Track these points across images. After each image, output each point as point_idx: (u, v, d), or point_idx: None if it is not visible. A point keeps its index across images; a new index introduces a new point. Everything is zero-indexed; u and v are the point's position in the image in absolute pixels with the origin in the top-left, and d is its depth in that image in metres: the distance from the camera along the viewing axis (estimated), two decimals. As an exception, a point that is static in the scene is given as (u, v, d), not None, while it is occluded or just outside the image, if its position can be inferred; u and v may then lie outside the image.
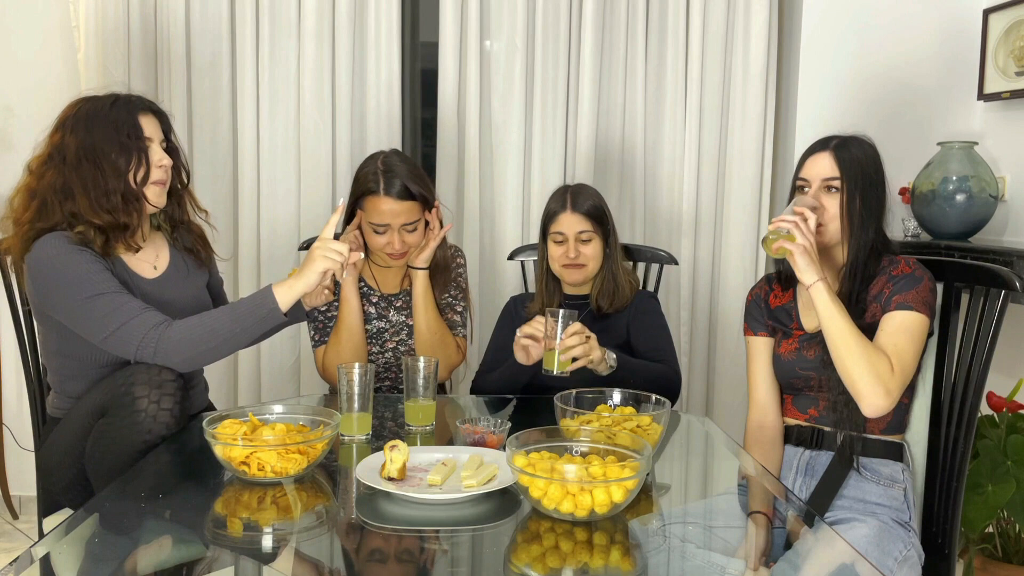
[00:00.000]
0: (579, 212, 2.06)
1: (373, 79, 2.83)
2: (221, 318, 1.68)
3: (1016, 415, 2.19)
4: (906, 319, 1.67)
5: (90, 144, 1.69)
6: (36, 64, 2.83)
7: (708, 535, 1.32)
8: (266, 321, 1.69)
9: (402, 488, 1.34)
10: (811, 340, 1.78)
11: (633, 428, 1.51)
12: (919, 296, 1.68)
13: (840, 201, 1.73)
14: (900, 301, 1.68)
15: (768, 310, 1.89)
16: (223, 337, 1.67)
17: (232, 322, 1.67)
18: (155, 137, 1.76)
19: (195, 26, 2.78)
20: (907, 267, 1.74)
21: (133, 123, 1.71)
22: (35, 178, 1.73)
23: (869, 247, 1.74)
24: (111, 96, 1.75)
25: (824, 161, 1.76)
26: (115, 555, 1.20)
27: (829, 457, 1.74)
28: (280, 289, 1.69)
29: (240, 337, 1.69)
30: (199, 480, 1.48)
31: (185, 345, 1.63)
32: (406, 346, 2.15)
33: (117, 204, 1.70)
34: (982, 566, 2.28)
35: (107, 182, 1.69)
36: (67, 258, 1.65)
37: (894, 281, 1.72)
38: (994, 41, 2.69)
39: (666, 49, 2.88)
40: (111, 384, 1.63)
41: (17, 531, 2.83)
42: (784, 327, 1.86)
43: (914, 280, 1.70)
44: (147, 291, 1.77)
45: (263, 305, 1.68)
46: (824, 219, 1.74)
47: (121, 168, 1.70)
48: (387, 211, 1.99)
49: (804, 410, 1.81)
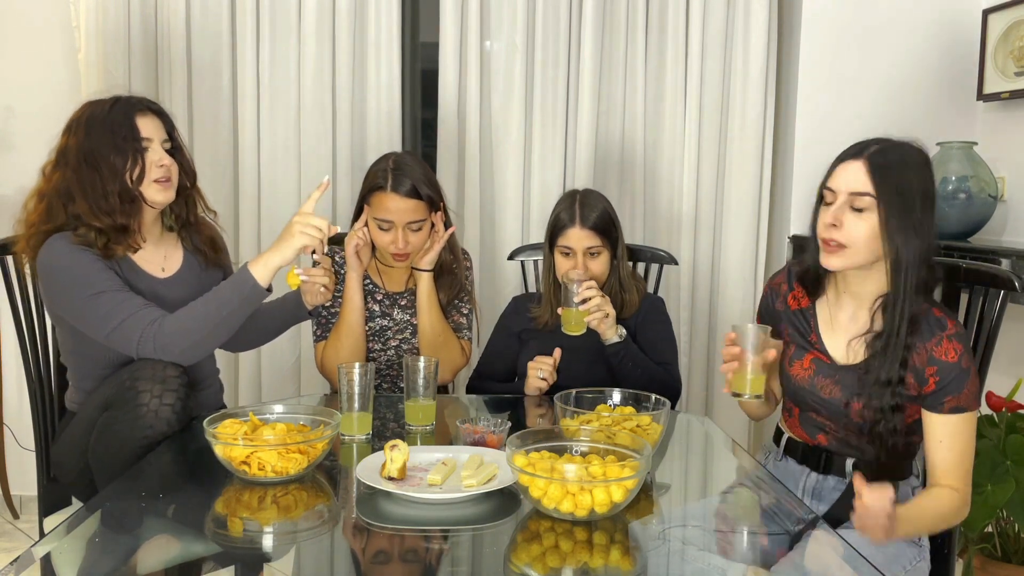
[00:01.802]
0: (587, 227, 2.03)
1: (373, 79, 2.83)
2: (208, 305, 1.70)
3: (1016, 415, 2.19)
4: (964, 425, 1.52)
5: (88, 147, 1.72)
6: (36, 64, 2.83)
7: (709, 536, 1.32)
8: (251, 299, 1.71)
9: (402, 488, 1.34)
10: (834, 373, 1.61)
11: (633, 428, 1.51)
12: (971, 392, 1.52)
13: (879, 220, 1.50)
14: (954, 405, 1.52)
15: (785, 312, 1.72)
16: (214, 323, 1.69)
17: (218, 307, 1.69)
18: (155, 137, 1.77)
19: (195, 26, 2.79)
20: (952, 350, 1.51)
21: (129, 124, 1.74)
22: (45, 181, 1.78)
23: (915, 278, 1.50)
24: (112, 99, 1.78)
25: (855, 172, 1.53)
26: (116, 555, 1.20)
27: (837, 481, 1.64)
28: (256, 266, 1.71)
29: (231, 320, 1.71)
30: (199, 480, 1.49)
31: (180, 337, 1.66)
32: (409, 344, 2.15)
33: (115, 206, 1.72)
34: (981, 566, 2.28)
35: (104, 184, 1.72)
36: (71, 258, 1.69)
37: (940, 370, 1.51)
38: (993, 41, 2.69)
39: (666, 49, 2.88)
40: (117, 379, 1.67)
41: (17, 531, 2.83)
42: (800, 338, 1.68)
43: (963, 374, 1.51)
44: (158, 290, 1.80)
45: (244, 283, 1.70)
46: (847, 240, 1.52)
47: (118, 169, 1.72)
48: (393, 208, 2.00)
49: (812, 435, 1.68)
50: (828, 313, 1.66)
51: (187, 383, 1.66)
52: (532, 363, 2.00)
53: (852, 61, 2.84)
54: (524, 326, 2.18)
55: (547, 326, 2.12)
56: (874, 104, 2.84)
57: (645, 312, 2.13)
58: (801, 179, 2.86)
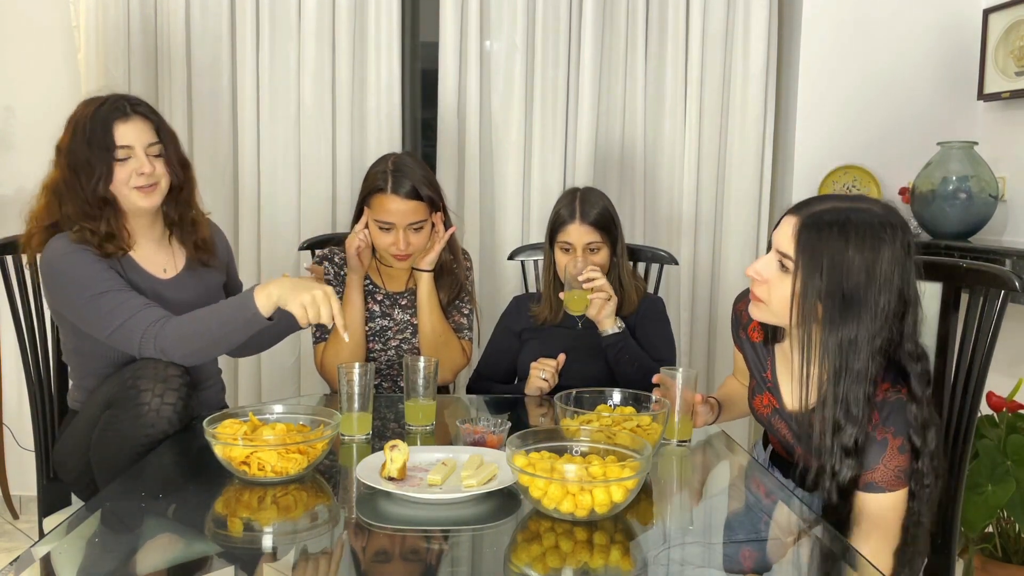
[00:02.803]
0: (588, 222, 2.04)
1: (373, 79, 2.83)
2: (210, 320, 1.68)
3: (1016, 415, 2.19)
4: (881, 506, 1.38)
5: (71, 149, 1.73)
6: (36, 64, 2.83)
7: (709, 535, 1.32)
8: (251, 324, 1.69)
9: (402, 488, 1.34)
10: (787, 418, 1.55)
11: (633, 428, 1.51)
12: (889, 469, 1.37)
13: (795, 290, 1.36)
14: (869, 481, 1.38)
15: (748, 341, 1.65)
16: (214, 337, 1.69)
17: (220, 325, 1.68)
18: (137, 143, 1.74)
19: (195, 26, 2.78)
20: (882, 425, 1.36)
21: (104, 131, 1.72)
22: (49, 175, 1.78)
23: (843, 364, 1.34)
24: (100, 100, 1.76)
25: (786, 228, 1.39)
26: (116, 555, 1.20)
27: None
28: (260, 296, 1.67)
29: (231, 337, 1.70)
30: (200, 480, 1.48)
31: (181, 343, 1.66)
32: (409, 344, 2.15)
33: (94, 212, 1.73)
34: (982, 566, 2.28)
35: (83, 189, 1.72)
36: (72, 258, 1.70)
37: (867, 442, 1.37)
38: (994, 41, 2.69)
39: (666, 49, 2.88)
40: (119, 378, 1.67)
41: (17, 531, 2.83)
42: (758, 373, 1.61)
43: (880, 447, 1.36)
44: (159, 291, 1.80)
45: (246, 309, 1.67)
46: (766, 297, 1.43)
47: (93, 175, 1.71)
48: (393, 210, 1.99)
49: (788, 449, 1.59)
50: (784, 352, 1.55)
51: (189, 382, 1.66)
52: (535, 364, 2.01)
53: (852, 61, 2.84)
54: (524, 326, 2.19)
55: (547, 322, 2.12)
56: (874, 104, 2.84)
57: (644, 311, 2.13)
58: (801, 179, 2.86)
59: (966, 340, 1.71)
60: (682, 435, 1.67)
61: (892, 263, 1.32)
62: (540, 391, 2.00)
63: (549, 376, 1.99)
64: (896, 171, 2.79)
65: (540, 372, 1.99)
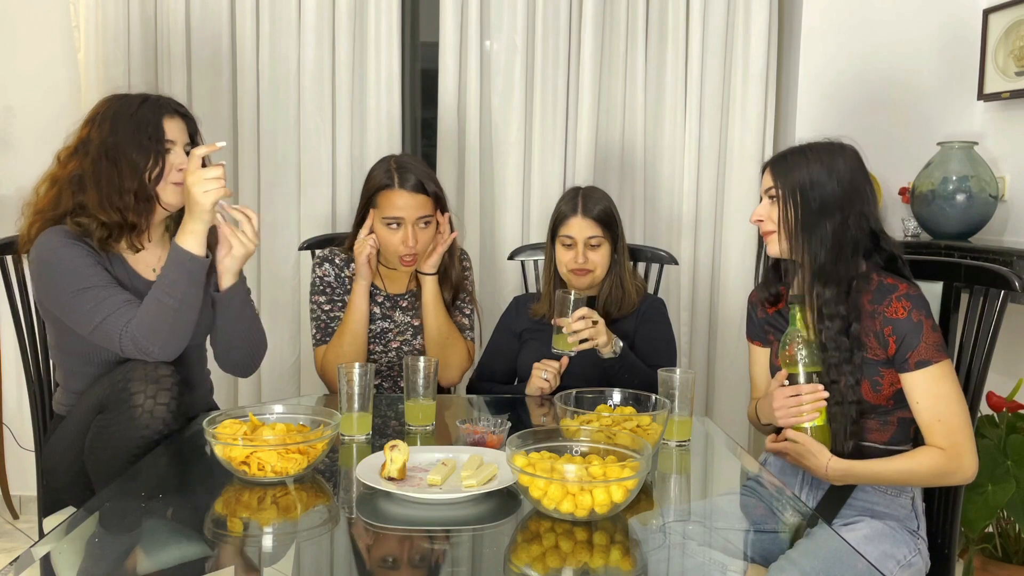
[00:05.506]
0: (589, 217, 2.05)
1: (373, 79, 2.83)
2: (160, 295, 1.67)
3: (1016, 415, 2.19)
4: (932, 378, 1.59)
5: (112, 142, 1.72)
6: (36, 64, 2.83)
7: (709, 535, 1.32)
8: (194, 272, 1.68)
9: (402, 488, 1.34)
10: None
11: (633, 428, 1.51)
12: (930, 343, 1.59)
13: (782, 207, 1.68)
14: (917, 360, 1.59)
15: (766, 318, 1.84)
16: (173, 309, 1.67)
17: (169, 293, 1.67)
18: (179, 140, 1.77)
19: (195, 26, 2.78)
20: (901, 308, 1.61)
21: (156, 124, 1.74)
22: (60, 167, 1.77)
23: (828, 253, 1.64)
24: (141, 96, 1.78)
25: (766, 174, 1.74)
26: (115, 555, 1.20)
27: None
28: (183, 238, 1.68)
29: (188, 302, 1.68)
30: (199, 480, 1.48)
31: (150, 332, 1.64)
32: (410, 346, 2.15)
33: (129, 203, 1.72)
34: (982, 566, 2.28)
35: (123, 181, 1.71)
36: (61, 252, 1.68)
37: (897, 331, 1.61)
38: (994, 41, 2.69)
39: (666, 49, 2.88)
40: (110, 380, 1.65)
41: (17, 531, 2.83)
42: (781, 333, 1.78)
43: (916, 328, 1.60)
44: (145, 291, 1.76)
45: (181, 260, 1.67)
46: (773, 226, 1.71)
47: (139, 167, 1.72)
48: (401, 204, 2.00)
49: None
50: None
51: (180, 381, 1.65)
52: (538, 364, 2.00)
53: (852, 61, 2.84)
54: (525, 326, 2.19)
55: (545, 317, 2.12)
56: (874, 104, 2.84)
57: (645, 312, 2.13)
58: (801, 179, 2.86)
59: (966, 340, 1.71)
60: (682, 435, 1.68)
61: (846, 164, 1.66)
62: (541, 391, 2.00)
63: (551, 376, 1.99)
64: (896, 171, 2.79)
65: (542, 372, 1.99)
